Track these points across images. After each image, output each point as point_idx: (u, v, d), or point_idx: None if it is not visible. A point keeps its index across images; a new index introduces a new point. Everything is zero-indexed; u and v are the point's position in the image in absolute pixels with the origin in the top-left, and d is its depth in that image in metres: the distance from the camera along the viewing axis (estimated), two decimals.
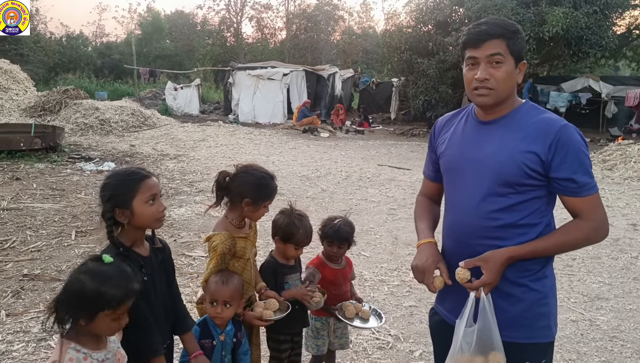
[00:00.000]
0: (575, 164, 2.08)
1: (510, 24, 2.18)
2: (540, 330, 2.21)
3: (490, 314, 2.09)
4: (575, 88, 23.11)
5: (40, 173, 10.78)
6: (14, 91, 21.47)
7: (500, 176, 2.14)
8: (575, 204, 2.14)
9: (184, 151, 14.77)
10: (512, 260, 2.12)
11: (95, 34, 58.37)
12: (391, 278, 5.88)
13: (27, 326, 4.46)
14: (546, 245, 2.14)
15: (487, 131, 2.24)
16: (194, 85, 27.67)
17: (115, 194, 2.30)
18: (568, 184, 2.10)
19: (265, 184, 2.84)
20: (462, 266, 2.15)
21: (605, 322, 5.00)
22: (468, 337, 2.10)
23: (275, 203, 3.00)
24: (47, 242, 6.58)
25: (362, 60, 47.42)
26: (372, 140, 19.48)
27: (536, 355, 2.20)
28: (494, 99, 2.16)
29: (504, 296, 2.17)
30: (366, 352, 4.31)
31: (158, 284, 2.47)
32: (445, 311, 2.42)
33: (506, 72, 2.13)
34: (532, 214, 2.16)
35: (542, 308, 2.21)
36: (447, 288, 2.28)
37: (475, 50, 2.14)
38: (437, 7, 22.95)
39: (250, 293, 2.97)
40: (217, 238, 2.79)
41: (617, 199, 10.19)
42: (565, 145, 2.07)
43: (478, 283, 2.11)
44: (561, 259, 6.61)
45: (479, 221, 2.19)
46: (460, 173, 2.28)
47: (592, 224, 2.14)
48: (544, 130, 2.11)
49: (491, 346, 2.09)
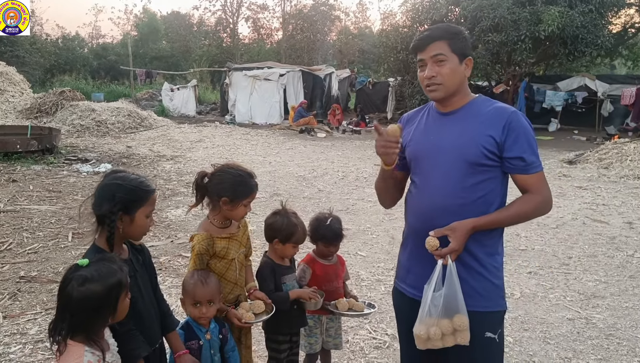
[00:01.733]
0: (525, 145, 2.36)
1: (452, 27, 2.49)
2: (495, 300, 2.47)
3: (455, 279, 2.31)
4: (571, 87, 23.19)
5: (37, 175, 10.77)
6: (10, 93, 21.48)
7: (463, 156, 2.39)
8: (525, 181, 2.42)
9: (180, 152, 14.77)
10: (475, 229, 2.36)
11: (92, 36, 58.42)
12: (388, 277, 5.88)
13: (24, 328, 4.46)
14: (504, 216, 2.41)
15: (448, 121, 2.51)
16: (191, 86, 27.68)
17: (126, 199, 2.32)
18: (518, 163, 2.37)
19: (242, 182, 2.83)
20: (432, 235, 2.35)
21: (601, 320, 5.01)
22: (436, 300, 2.31)
23: (273, 204, 3.01)
24: (44, 244, 6.58)
25: (359, 60, 47.47)
26: (368, 140, 19.46)
27: (494, 323, 2.46)
28: (443, 92, 2.44)
29: (465, 267, 2.41)
30: (363, 351, 4.32)
31: (143, 285, 2.48)
32: (408, 287, 2.63)
33: (450, 69, 2.41)
34: (490, 193, 2.42)
35: (496, 280, 2.49)
36: (410, 264, 2.62)
37: (422, 53, 2.45)
38: (433, 7, 22.93)
39: (237, 293, 2.97)
40: (196, 238, 2.83)
41: (613, 198, 10.21)
42: (515, 128, 2.36)
43: (446, 250, 2.32)
44: (557, 257, 6.64)
45: (445, 199, 2.43)
46: (427, 158, 2.52)
47: (540, 198, 2.42)
48: (498, 116, 2.40)
49: (456, 309, 2.32)
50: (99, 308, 2.00)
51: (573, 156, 15.02)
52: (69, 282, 1.99)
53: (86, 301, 1.97)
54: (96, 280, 1.99)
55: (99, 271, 2.02)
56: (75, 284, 1.98)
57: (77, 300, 1.96)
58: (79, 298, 1.96)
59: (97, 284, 1.99)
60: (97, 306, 1.99)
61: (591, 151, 14.88)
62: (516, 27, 19.79)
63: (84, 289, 1.97)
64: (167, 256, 6.30)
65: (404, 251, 2.72)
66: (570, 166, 14.05)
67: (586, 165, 13.80)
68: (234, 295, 2.95)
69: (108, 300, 2.02)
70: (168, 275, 5.69)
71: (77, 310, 1.97)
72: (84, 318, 1.98)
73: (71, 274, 2.02)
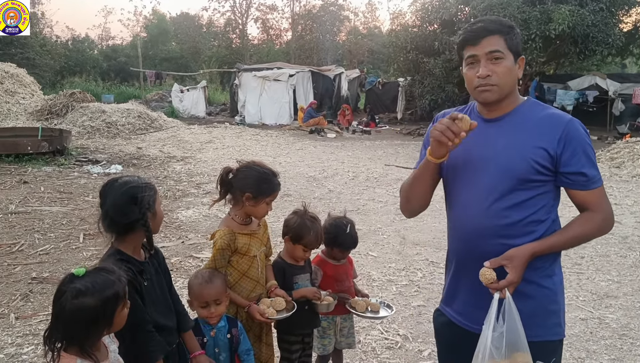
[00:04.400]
0: (584, 158, 2.12)
1: (505, 21, 2.20)
2: (551, 328, 2.21)
3: (515, 315, 2.03)
4: (582, 86, 23.04)
5: (48, 176, 10.83)
6: (21, 94, 21.63)
7: (510, 173, 2.13)
8: (584, 198, 2.17)
9: (190, 153, 14.81)
10: (534, 256, 2.10)
11: (101, 37, 58.90)
12: (399, 278, 5.87)
13: (36, 329, 4.47)
14: (564, 239, 2.15)
15: (493, 129, 2.22)
16: (200, 87, 27.79)
17: (147, 197, 2.35)
18: (578, 178, 2.12)
19: (266, 179, 2.87)
20: (487, 267, 2.09)
21: (614, 319, 4.97)
22: (496, 341, 2.03)
23: (284, 204, 3.01)
24: (56, 245, 6.61)
25: (368, 60, 47.45)
26: (378, 140, 19.45)
27: (547, 353, 2.17)
28: (497, 94, 2.15)
29: (517, 295, 2.10)
30: (375, 351, 4.31)
31: (159, 287, 2.49)
32: (454, 312, 2.39)
33: (507, 68, 2.13)
34: (540, 211, 2.16)
35: (552, 305, 2.22)
36: (455, 289, 2.34)
37: (475, 47, 2.15)
38: (442, 6, 22.91)
39: (259, 291, 2.97)
40: (217, 234, 2.86)
41: (625, 197, 10.14)
42: (573, 140, 2.10)
43: (504, 283, 2.06)
44: (569, 257, 6.59)
45: (488, 219, 2.17)
46: (468, 172, 2.25)
47: (602, 216, 2.17)
48: (551, 125, 2.13)
49: (517, 347, 2.04)
50: (93, 321, 1.93)
51: None
52: (63, 294, 1.92)
53: (79, 314, 1.89)
54: (90, 294, 1.92)
55: (94, 283, 1.95)
56: (69, 296, 1.90)
57: (70, 313, 1.89)
58: (72, 310, 1.89)
59: (91, 297, 1.91)
60: (91, 319, 1.92)
61: (603, 151, 14.76)
62: (526, 26, 19.69)
63: (77, 302, 1.89)
64: (178, 257, 6.31)
65: (447, 274, 2.47)
66: None
67: (598, 164, 13.61)
68: (256, 293, 2.95)
69: (103, 313, 1.94)
70: (179, 276, 5.70)
71: (70, 322, 1.90)
72: (77, 330, 1.92)
73: (65, 285, 1.95)
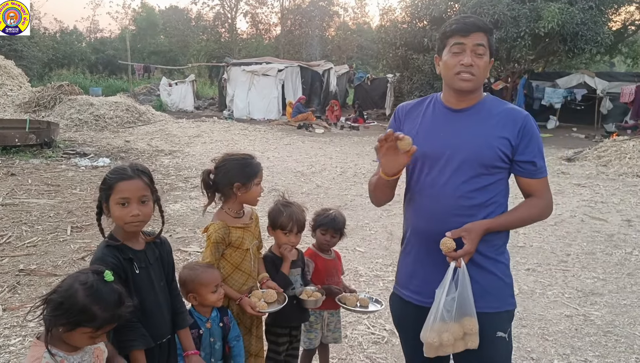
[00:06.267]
0: (536, 150, 2.38)
1: (488, 23, 2.44)
2: (505, 299, 2.46)
3: (467, 282, 2.26)
4: (571, 84, 23.19)
5: (35, 169, 10.77)
6: (8, 86, 21.46)
7: (478, 159, 2.34)
8: (531, 185, 2.43)
9: (178, 147, 14.77)
10: (488, 231, 2.33)
11: (90, 30, 58.23)
12: (386, 273, 5.89)
13: (23, 320, 4.45)
14: (512, 219, 2.42)
15: (461, 119, 2.43)
16: (189, 81, 27.67)
17: (102, 188, 2.36)
18: (529, 167, 2.38)
19: (247, 163, 2.92)
20: (448, 236, 2.28)
21: (599, 317, 5.02)
22: (448, 304, 2.26)
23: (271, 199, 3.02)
24: (43, 237, 6.58)
25: (357, 56, 47.37)
26: (367, 136, 19.47)
27: (503, 322, 2.43)
28: (473, 85, 2.36)
29: (477, 268, 2.36)
30: (361, 346, 4.33)
31: (154, 278, 2.46)
32: (411, 293, 2.54)
33: (485, 63, 2.36)
34: (498, 194, 2.41)
35: (507, 278, 2.47)
36: (413, 270, 2.53)
37: (464, 38, 2.33)
38: (432, 3, 22.88)
39: (250, 284, 2.98)
40: (211, 227, 2.86)
41: (612, 196, 10.22)
42: (529, 132, 2.36)
43: (461, 252, 2.27)
44: (556, 254, 6.65)
45: (456, 200, 2.36)
46: (437, 158, 2.41)
47: (545, 202, 2.45)
48: (512, 118, 2.38)
49: (466, 312, 2.27)
50: (80, 321, 1.93)
51: (572, 154, 15.03)
52: (82, 283, 1.96)
53: (76, 306, 1.92)
54: (97, 302, 1.95)
55: (108, 295, 1.98)
56: (82, 287, 1.94)
57: (72, 299, 1.92)
58: (80, 307, 1.92)
59: (97, 305, 1.94)
60: (82, 319, 1.93)
61: (590, 149, 14.89)
62: (516, 23, 19.78)
63: (87, 298, 1.93)
64: None
65: (406, 257, 2.59)
66: (569, 163, 14.05)
67: (585, 163, 13.81)
68: (248, 286, 2.96)
69: (83, 315, 1.93)
70: None
71: (64, 306, 1.92)
72: (63, 317, 1.92)
73: (90, 276, 2.00)
